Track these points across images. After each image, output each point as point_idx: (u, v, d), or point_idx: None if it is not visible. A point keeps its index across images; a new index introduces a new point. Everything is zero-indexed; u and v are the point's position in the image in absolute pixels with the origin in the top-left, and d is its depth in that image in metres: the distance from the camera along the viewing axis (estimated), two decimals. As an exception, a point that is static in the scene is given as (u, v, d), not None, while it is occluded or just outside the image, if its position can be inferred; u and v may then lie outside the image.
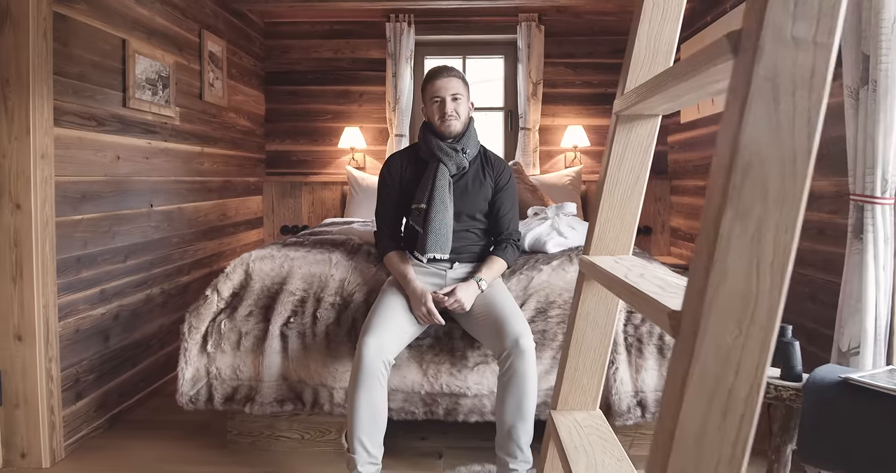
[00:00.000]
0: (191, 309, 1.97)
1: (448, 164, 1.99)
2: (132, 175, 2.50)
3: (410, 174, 2.07)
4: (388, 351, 1.72)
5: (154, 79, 2.62)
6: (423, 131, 2.10)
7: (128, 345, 2.48)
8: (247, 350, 1.95)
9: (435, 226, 1.92)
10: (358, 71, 4.10)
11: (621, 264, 0.95)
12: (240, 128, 3.70)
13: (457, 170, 2.02)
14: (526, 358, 1.70)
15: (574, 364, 1.06)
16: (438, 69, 2.04)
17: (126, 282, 2.46)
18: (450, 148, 2.00)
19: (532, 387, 1.72)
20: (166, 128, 2.77)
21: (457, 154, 2.00)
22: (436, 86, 1.99)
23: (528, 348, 1.70)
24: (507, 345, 1.71)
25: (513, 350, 1.70)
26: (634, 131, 1.02)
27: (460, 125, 2.02)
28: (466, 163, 2.03)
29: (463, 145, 2.02)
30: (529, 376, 1.71)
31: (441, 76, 2.00)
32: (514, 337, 1.70)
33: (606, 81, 4.03)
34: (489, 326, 1.79)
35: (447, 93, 1.98)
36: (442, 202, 1.94)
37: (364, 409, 1.67)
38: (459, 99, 2.00)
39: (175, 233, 2.86)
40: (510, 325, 1.74)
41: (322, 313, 1.96)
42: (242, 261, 2.06)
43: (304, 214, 4.12)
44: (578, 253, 2.16)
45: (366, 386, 1.67)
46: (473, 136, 2.07)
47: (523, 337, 1.71)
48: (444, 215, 1.93)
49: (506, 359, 1.72)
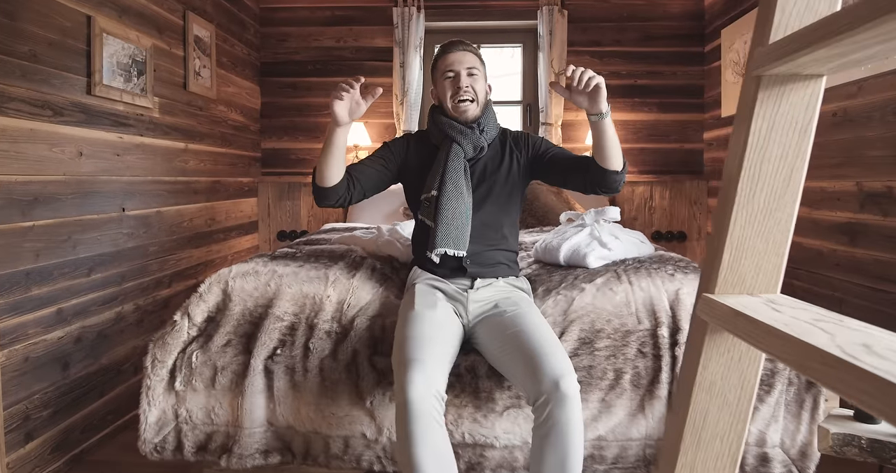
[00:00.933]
0: (155, 337, 1.61)
1: (463, 144, 1.70)
2: (99, 174, 2.15)
3: (416, 159, 1.77)
4: (438, 382, 1.33)
5: (127, 63, 2.27)
6: (432, 114, 1.80)
7: (93, 373, 2.12)
8: (223, 388, 1.58)
9: (447, 215, 1.60)
10: (362, 61, 3.74)
11: (784, 312, 0.58)
12: (231, 122, 3.35)
13: (474, 152, 1.72)
14: (569, 405, 1.32)
15: (690, 461, 0.69)
16: (452, 42, 1.76)
17: (90, 299, 2.10)
18: (465, 126, 1.71)
19: (577, 441, 1.34)
20: (142, 120, 2.42)
21: (473, 132, 1.70)
22: (449, 59, 1.71)
23: (571, 392, 1.32)
24: (545, 389, 1.32)
25: (552, 395, 1.32)
26: (786, 101, 0.65)
27: (477, 108, 1.72)
28: (485, 143, 1.73)
29: (482, 125, 1.73)
30: (573, 427, 1.33)
31: (456, 49, 1.72)
32: (554, 379, 1.32)
33: (636, 72, 3.65)
34: (521, 363, 1.40)
35: (462, 67, 1.70)
36: (456, 187, 1.63)
37: (430, 466, 1.26)
38: (476, 75, 1.71)
39: (152, 240, 2.51)
40: (548, 363, 1.35)
41: (316, 343, 1.59)
42: (220, 279, 1.69)
43: (304, 218, 3.76)
44: (626, 268, 1.79)
45: (425, 437, 1.26)
46: (492, 118, 1.78)
47: (565, 377, 1.33)
48: (459, 202, 1.62)
49: (543, 407, 1.33)
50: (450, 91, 1.71)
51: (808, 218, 2.52)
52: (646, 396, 1.54)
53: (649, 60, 3.64)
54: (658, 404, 1.54)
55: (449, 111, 1.73)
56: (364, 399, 1.54)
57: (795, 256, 2.63)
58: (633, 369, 1.55)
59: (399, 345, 1.42)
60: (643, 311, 1.62)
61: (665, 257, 1.95)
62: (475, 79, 1.71)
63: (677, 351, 1.55)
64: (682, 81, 3.65)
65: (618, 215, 1.95)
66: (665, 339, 1.57)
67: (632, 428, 1.55)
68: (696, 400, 0.69)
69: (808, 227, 2.52)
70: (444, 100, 1.74)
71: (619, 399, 1.54)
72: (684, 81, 3.65)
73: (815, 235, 2.47)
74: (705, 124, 3.65)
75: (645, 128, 3.68)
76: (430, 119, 1.80)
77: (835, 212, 2.33)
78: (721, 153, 3.43)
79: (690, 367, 0.70)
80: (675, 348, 1.55)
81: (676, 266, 1.83)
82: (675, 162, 3.69)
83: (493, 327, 1.53)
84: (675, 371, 1.54)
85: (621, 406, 1.54)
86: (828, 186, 2.38)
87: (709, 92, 3.59)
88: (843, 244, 2.28)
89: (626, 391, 1.54)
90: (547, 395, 1.32)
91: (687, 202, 3.65)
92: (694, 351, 0.70)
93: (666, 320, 1.60)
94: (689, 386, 0.70)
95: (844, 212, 2.27)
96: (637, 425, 1.55)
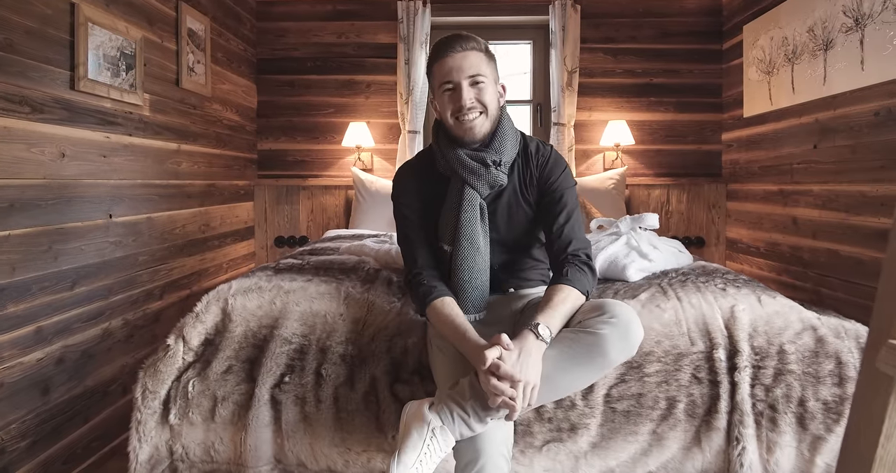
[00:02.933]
0: (146, 364, 1.42)
1: (478, 186, 1.41)
2: (83, 177, 1.95)
3: (430, 194, 1.48)
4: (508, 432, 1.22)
5: (115, 57, 2.08)
6: (437, 133, 1.49)
7: (77, 396, 1.92)
8: (224, 421, 1.40)
9: (464, 276, 1.38)
10: (365, 58, 3.56)
11: None
12: (227, 122, 3.15)
13: (490, 190, 1.43)
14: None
15: None
16: (448, 41, 1.39)
17: (74, 316, 1.90)
18: (477, 162, 1.40)
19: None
20: (131, 118, 2.22)
21: (488, 170, 1.39)
22: (445, 66, 1.37)
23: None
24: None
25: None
26: None
27: (487, 124, 1.41)
28: (504, 180, 1.42)
29: (496, 154, 1.41)
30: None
31: (453, 50, 1.37)
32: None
33: (651, 70, 3.49)
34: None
35: (463, 76, 1.36)
36: (472, 244, 1.38)
37: None
38: (482, 83, 1.38)
39: (143, 249, 2.31)
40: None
41: (329, 369, 1.41)
42: (218, 296, 1.51)
43: (303, 223, 3.57)
44: (671, 282, 1.62)
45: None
46: (510, 135, 1.45)
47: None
48: (475, 261, 1.39)
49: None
50: (450, 107, 1.39)
51: (844, 223, 2.37)
52: (702, 427, 1.38)
53: (666, 58, 3.49)
54: (716, 436, 1.37)
55: (452, 130, 1.42)
56: (385, 433, 1.36)
57: (827, 263, 2.48)
58: (687, 397, 1.38)
59: (444, 373, 1.28)
60: (696, 331, 1.46)
61: (709, 269, 1.78)
62: (481, 88, 1.37)
63: (737, 376, 1.38)
64: (700, 80, 3.50)
65: (657, 223, 1.78)
66: (722, 363, 1.40)
67: (686, 463, 1.38)
68: (884, 453, 0.52)
69: (845, 234, 2.36)
70: (444, 116, 1.42)
71: (673, 430, 1.37)
72: (702, 80, 3.50)
73: (853, 242, 2.31)
74: (724, 124, 3.49)
75: (661, 128, 3.52)
76: (434, 140, 1.50)
77: (878, 218, 2.18)
78: (743, 154, 3.27)
79: (867, 438, 0.53)
80: (735, 373, 1.39)
81: (725, 279, 1.67)
82: (693, 164, 3.53)
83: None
84: (734, 399, 1.37)
85: (675, 438, 1.37)
86: (868, 190, 2.23)
87: (728, 91, 3.44)
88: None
89: (681, 421, 1.37)
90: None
91: (705, 206, 3.49)
92: (870, 415, 0.53)
93: (722, 341, 1.43)
94: (865, 462, 0.52)
95: (890, 218, 2.11)
96: (692, 459, 1.38)
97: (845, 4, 2.27)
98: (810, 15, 2.51)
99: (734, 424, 1.35)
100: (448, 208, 1.42)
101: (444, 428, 1.12)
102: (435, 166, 1.48)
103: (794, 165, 2.74)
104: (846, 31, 2.28)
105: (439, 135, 1.47)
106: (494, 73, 1.43)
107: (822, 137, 2.51)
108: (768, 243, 2.99)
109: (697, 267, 1.79)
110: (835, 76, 2.37)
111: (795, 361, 1.40)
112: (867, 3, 2.15)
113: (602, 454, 1.37)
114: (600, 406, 1.37)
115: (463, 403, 1.14)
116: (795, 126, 2.71)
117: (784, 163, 2.82)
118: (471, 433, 1.14)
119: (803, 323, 1.47)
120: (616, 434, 1.37)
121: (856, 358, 1.41)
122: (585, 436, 1.36)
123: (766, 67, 2.91)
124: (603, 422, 1.37)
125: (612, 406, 1.37)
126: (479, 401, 1.14)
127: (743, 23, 3.17)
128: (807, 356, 1.41)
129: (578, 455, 1.37)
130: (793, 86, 2.68)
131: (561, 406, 1.36)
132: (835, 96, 2.40)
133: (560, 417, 1.36)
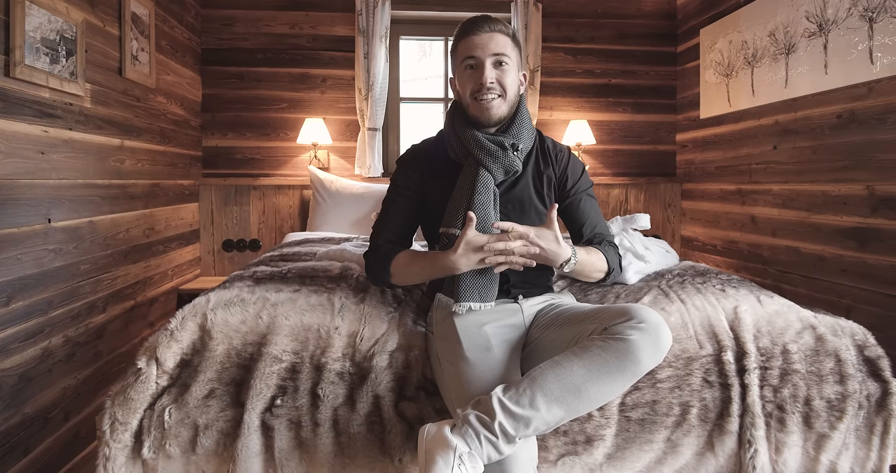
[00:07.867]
0: (114, 392, 1.24)
1: (493, 169, 1.38)
2: (18, 176, 1.71)
3: (434, 182, 1.45)
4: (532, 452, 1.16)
5: (54, 41, 1.84)
6: (452, 117, 1.48)
7: (14, 426, 1.68)
8: (208, 452, 1.24)
9: None
10: (320, 50, 3.38)
11: None
12: (171, 116, 2.90)
13: (505, 176, 1.42)
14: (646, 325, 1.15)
15: None
16: (476, 20, 1.41)
17: (10, 335, 1.67)
18: (494, 143, 1.39)
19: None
20: (71, 110, 1.98)
21: (505, 153, 1.38)
22: (471, 43, 1.38)
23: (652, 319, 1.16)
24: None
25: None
26: None
27: (504, 107, 1.42)
28: (520, 166, 1.42)
29: (514, 137, 1.41)
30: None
31: (480, 29, 1.38)
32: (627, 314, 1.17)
33: (610, 71, 3.52)
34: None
35: (487, 54, 1.37)
36: (483, 229, 1.33)
37: None
38: (506, 65, 1.39)
39: (84, 256, 2.07)
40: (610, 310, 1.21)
41: (326, 389, 1.28)
42: (195, 311, 1.34)
43: (254, 225, 3.36)
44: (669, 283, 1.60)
45: None
46: (527, 123, 1.46)
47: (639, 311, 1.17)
48: None
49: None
50: (470, 85, 1.40)
51: (806, 222, 2.45)
52: (714, 431, 1.35)
53: (623, 59, 3.52)
54: (728, 440, 1.35)
55: (469, 110, 1.43)
56: (391, 457, 1.25)
57: (787, 260, 2.57)
58: (699, 401, 1.35)
59: (457, 389, 1.19)
60: (703, 334, 1.43)
61: (699, 269, 1.78)
62: (504, 70, 1.39)
63: (746, 378, 1.37)
64: (655, 81, 3.56)
65: (648, 223, 1.76)
66: (731, 365, 1.38)
67: (700, 469, 1.36)
68: None
69: (806, 232, 2.45)
70: (462, 95, 1.44)
71: (687, 436, 1.34)
72: (657, 81, 3.56)
73: (815, 240, 2.40)
74: (678, 125, 3.57)
75: (619, 128, 3.56)
76: (448, 122, 1.48)
77: (840, 217, 2.26)
78: (698, 155, 3.36)
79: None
80: (744, 375, 1.37)
81: (720, 279, 1.66)
82: (649, 164, 3.60)
83: (553, 314, 1.37)
84: (745, 401, 1.35)
85: (689, 444, 1.34)
86: (831, 190, 2.31)
87: (682, 92, 3.52)
88: (851, 249, 2.21)
89: (694, 427, 1.34)
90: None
91: (661, 205, 3.56)
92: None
93: (729, 343, 1.41)
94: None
95: (852, 217, 2.20)
96: (706, 465, 1.35)
97: (808, 10, 2.35)
98: (771, 19, 2.58)
99: (746, 427, 1.34)
100: (461, 189, 1.38)
101: (472, 454, 1.03)
102: (445, 153, 1.46)
103: (752, 165, 2.82)
104: (809, 36, 2.35)
105: (455, 116, 1.46)
106: (519, 59, 1.44)
107: (782, 139, 2.59)
108: (725, 241, 3.07)
109: (688, 268, 1.78)
110: (797, 79, 2.44)
111: (799, 360, 1.40)
112: (831, 10, 2.22)
113: (618, 465, 1.32)
114: (615, 415, 1.32)
115: (490, 424, 1.05)
116: (754, 127, 2.80)
117: (742, 164, 2.90)
118: (499, 456, 1.06)
119: (802, 322, 1.48)
120: (631, 444, 1.32)
121: (853, 356, 1.43)
122: (601, 448, 1.31)
123: (724, 70, 2.98)
124: (618, 432, 1.32)
125: (626, 415, 1.33)
126: (511, 419, 1.06)
127: (700, 26, 3.24)
128: (809, 355, 1.42)
129: (594, 468, 1.31)
130: (753, 88, 2.75)
131: (576, 419, 1.30)
132: (796, 99, 2.48)
133: (576, 430, 1.30)
